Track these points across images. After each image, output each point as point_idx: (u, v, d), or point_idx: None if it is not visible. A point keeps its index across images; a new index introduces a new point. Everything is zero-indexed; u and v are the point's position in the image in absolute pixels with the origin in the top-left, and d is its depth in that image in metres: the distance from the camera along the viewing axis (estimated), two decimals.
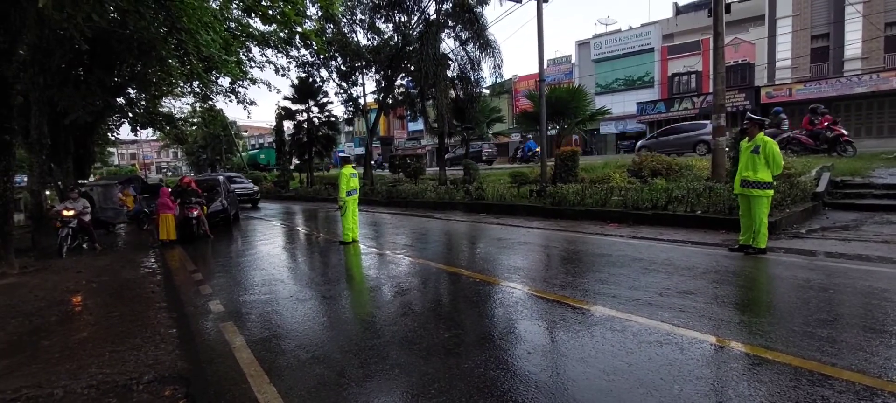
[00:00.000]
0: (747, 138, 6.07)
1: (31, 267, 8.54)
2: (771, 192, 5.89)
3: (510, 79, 39.68)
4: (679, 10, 37.21)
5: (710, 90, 31.65)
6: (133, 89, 18.18)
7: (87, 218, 10.69)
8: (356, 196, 9.21)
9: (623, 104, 35.23)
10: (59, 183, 15.45)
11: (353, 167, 9.60)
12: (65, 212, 10.18)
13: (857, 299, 4.15)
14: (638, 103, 32.78)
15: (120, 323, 4.91)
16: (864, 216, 7.79)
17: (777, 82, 27.48)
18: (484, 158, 30.99)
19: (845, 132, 12.44)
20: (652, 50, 34.54)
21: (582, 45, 38.52)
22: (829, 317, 3.70)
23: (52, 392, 3.38)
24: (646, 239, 7.28)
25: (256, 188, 20.95)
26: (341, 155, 11.64)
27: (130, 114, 19.69)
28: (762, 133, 5.96)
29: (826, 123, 12.38)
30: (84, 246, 10.54)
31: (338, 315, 4.76)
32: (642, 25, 35.78)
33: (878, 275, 4.74)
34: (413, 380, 3.08)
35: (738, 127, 21.59)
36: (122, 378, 3.50)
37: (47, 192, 14.88)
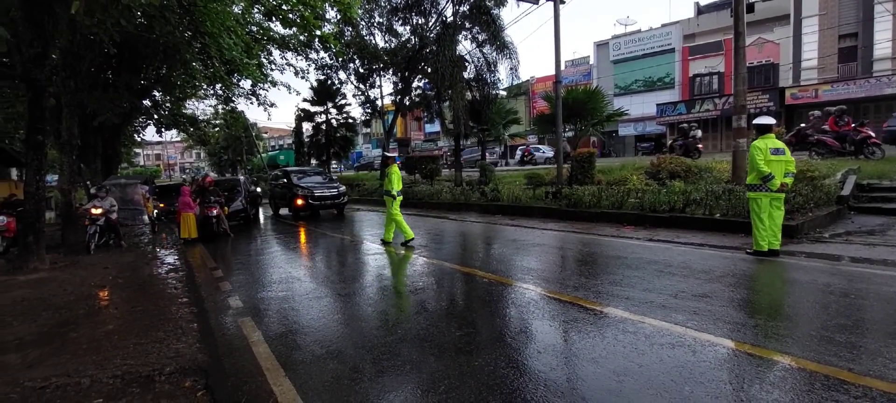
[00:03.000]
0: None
1: (60, 263, 8.86)
2: (758, 194, 5.92)
3: (528, 80, 39.53)
4: (700, 10, 36.54)
5: (732, 91, 31.22)
6: (158, 92, 18.75)
7: (114, 216, 11.05)
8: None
9: (642, 105, 34.77)
10: (87, 182, 16.01)
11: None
12: (93, 211, 10.54)
13: (880, 305, 4.05)
14: (657, 105, 32.30)
15: (144, 317, 5.09)
16: (892, 220, 7.56)
17: (802, 83, 26.77)
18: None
19: (873, 134, 12.08)
20: (672, 50, 34.03)
21: (600, 46, 38.16)
22: (848, 322, 3.62)
23: (80, 382, 3.53)
24: (662, 242, 7.20)
25: (343, 188, 15.40)
26: (389, 154, 11.74)
27: (155, 116, 20.32)
28: (765, 138, 5.98)
29: (852, 125, 12.04)
30: (111, 243, 10.90)
31: (352, 312, 4.84)
32: (663, 25, 35.26)
33: None
34: (424, 377, 3.14)
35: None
36: (145, 368, 3.64)
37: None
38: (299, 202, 14.06)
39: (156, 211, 15.92)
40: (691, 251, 6.47)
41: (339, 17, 12.09)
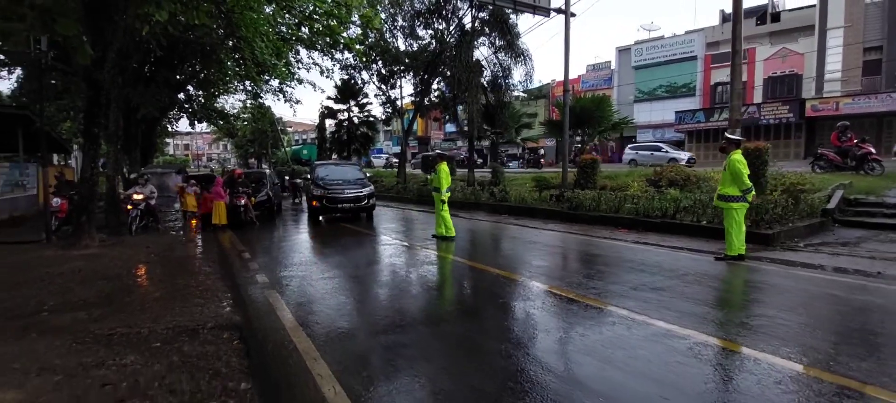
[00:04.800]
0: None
1: (108, 242, 9.95)
2: (738, 205, 6.44)
3: (548, 83, 39.93)
4: (726, 18, 36.23)
5: (753, 101, 31.00)
6: (192, 87, 20.05)
7: (153, 202, 12.17)
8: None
9: (662, 112, 34.82)
10: (125, 170, 17.33)
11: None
12: (135, 196, 11.67)
13: (804, 300, 4.64)
14: (676, 112, 32.36)
15: (184, 287, 6.01)
16: (871, 234, 7.98)
17: (825, 95, 26.54)
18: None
19: (874, 151, 12.32)
20: (694, 58, 33.97)
21: (622, 52, 38.24)
22: (769, 312, 4.24)
23: (140, 331, 4.43)
24: (647, 245, 7.81)
25: (370, 189, 13.01)
26: (442, 153, 12.31)
27: (189, 109, 21.69)
28: (738, 152, 6.54)
29: (855, 141, 12.31)
30: (149, 225, 12.02)
31: (361, 289, 5.67)
32: (686, 32, 35.18)
33: (840, 285, 5.19)
34: (413, 336, 3.92)
35: (780, 138, 21.00)
36: (191, 324, 4.52)
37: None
38: (314, 203, 12.41)
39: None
40: (668, 253, 7.09)
41: (362, 26, 12.96)
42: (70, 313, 5.03)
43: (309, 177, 14.86)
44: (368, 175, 15.84)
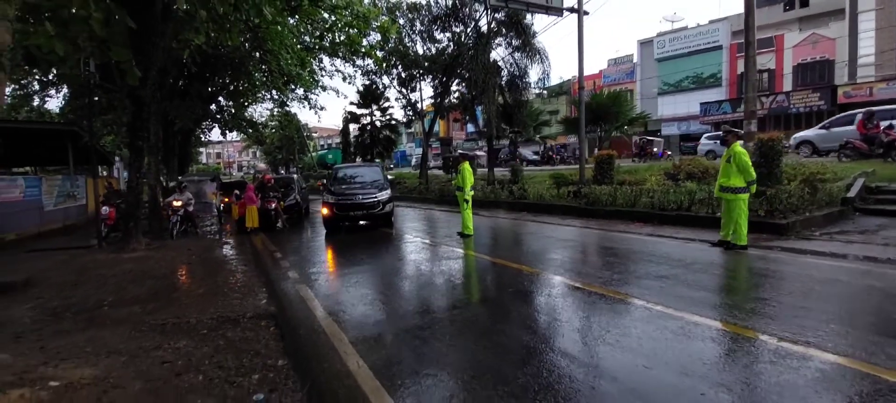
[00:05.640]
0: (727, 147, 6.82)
1: (152, 245, 10.75)
2: (744, 196, 6.58)
3: (569, 80, 39.74)
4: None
5: (783, 89, 30.13)
6: (223, 98, 21.09)
7: (191, 208, 13.00)
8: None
9: (687, 104, 34.26)
10: (163, 179, 18.40)
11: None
12: (175, 203, 12.51)
13: (805, 285, 4.80)
14: (701, 103, 31.77)
15: (225, 284, 6.59)
16: (891, 221, 7.92)
17: (858, 81, 25.65)
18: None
19: None
20: (720, 48, 33.31)
21: (644, 44, 37.78)
22: (767, 296, 4.45)
23: (188, 321, 4.98)
24: (660, 237, 7.99)
25: (385, 194, 11.49)
26: (460, 152, 12.65)
27: (220, 119, 22.78)
28: (738, 143, 6.72)
29: (881, 128, 12.05)
30: (188, 230, 12.84)
31: (384, 281, 6.11)
32: (711, 22, 34.50)
33: (844, 270, 5.33)
34: (433, 317, 4.32)
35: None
36: (232, 314, 5.05)
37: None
38: (324, 211, 11.28)
39: (221, 204, 18.11)
40: (678, 244, 7.27)
41: (379, 37, 13.51)
42: (126, 307, 5.66)
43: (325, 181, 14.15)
44: (390, 177, 16.00)
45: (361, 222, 11.40)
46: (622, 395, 2.79)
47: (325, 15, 11.20)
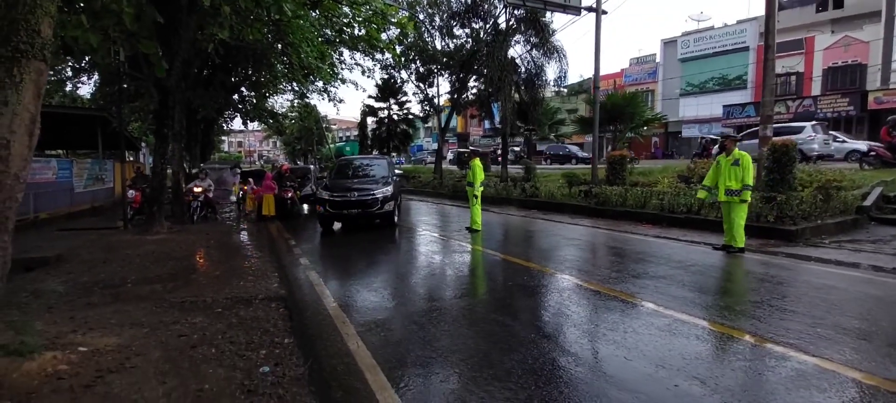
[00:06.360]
0: (726, 153, 6.88)
1: (174, 229, 11.22)
2: (748, 200, 6.65)
3: (588, 78, 39.37)
4: (782, 6, 34.41)
5: (811, 93, 29.33)
6: (245, 88, 21.63)
7: (211, 194, 13.48)
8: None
9: (710, 106, 33.68)
10: (185, 166, 19.03)
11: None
12: (195, 189, 13.00)
13: (797, 290, 4.85)
14: (724, 106, 31.16)
15: (240, 267, 6.92)
16: None
17: (891, 86, 24.85)
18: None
19: None
20: (746, 49, 32.62)
21: (668, 44, 37.20)
22: (758, 299, 4.52)
23: (205, 299, 5.30)
24: (665, 239, 8.04)
25: (387, 192, 10.23)
26: (472, 148, 12.90)
27: (242, 109, 23.37)
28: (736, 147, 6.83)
29: None
30: (208, 216, 13.33)
31: (390, 270, 6.37)
32: (738, 22, 33.74)
33: (845, 278, 5.34)
34: (434, 304, 4.53)
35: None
36: (246, 295, 5.35)
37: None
38: (318, 207, 10.40)
39: (241, 192, 18.65)
40: (681, 246, 7.33)
41: (398, 32, 13.71)
42: (148, 285, 6.02)
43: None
44: (402, 171, 15.99)
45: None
46: (596, 379, 2.96)
47: (346, 9, 11.45)
